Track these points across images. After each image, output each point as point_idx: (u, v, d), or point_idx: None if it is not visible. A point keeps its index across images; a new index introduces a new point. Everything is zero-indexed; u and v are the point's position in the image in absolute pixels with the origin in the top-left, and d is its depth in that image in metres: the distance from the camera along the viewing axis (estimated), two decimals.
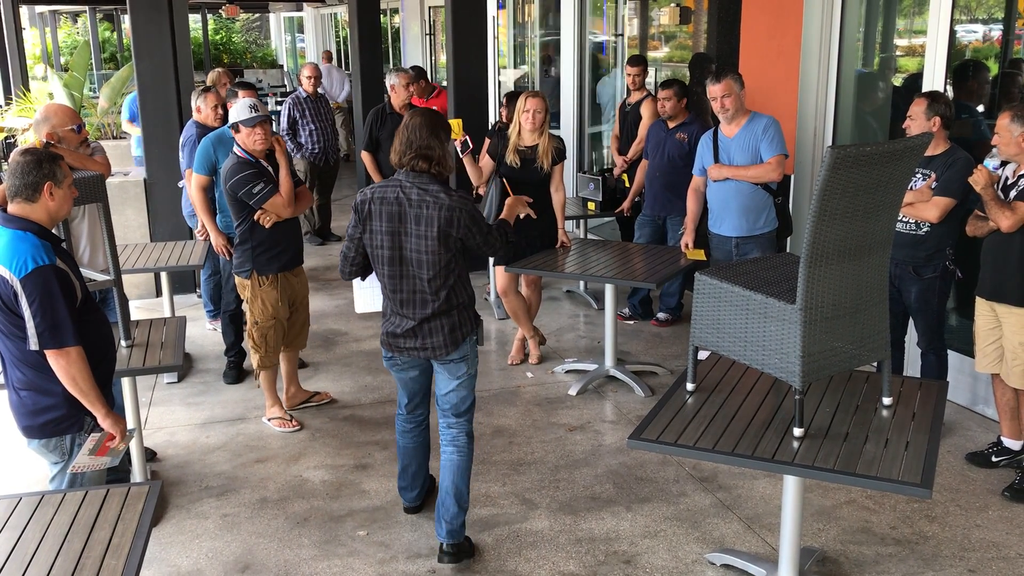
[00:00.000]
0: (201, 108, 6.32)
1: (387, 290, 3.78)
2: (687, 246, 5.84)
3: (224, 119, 6.11)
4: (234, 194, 4.87)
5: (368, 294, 4.26)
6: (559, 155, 5.78)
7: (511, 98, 6.70)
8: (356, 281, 4.13)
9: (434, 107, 8.11)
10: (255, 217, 4.91)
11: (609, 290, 5.70)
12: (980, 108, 5.54)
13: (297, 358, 5.54)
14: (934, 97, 4.61)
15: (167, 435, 5.16)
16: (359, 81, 11.60)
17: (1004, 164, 4.38)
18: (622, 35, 9.37)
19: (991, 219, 4.26)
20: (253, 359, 5.18)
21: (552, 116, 10.02)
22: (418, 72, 9.48)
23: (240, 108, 4.89)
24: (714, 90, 5.40)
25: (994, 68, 5.51)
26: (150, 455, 4.85)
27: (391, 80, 7.49)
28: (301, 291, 5.28)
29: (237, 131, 4.88)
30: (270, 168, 4.97)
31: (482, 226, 3.73)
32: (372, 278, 3.95)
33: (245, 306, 5.14)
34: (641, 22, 8.99)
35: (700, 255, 5.73)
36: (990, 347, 4.49)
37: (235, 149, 4.95)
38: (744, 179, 5.43)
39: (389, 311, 3.85)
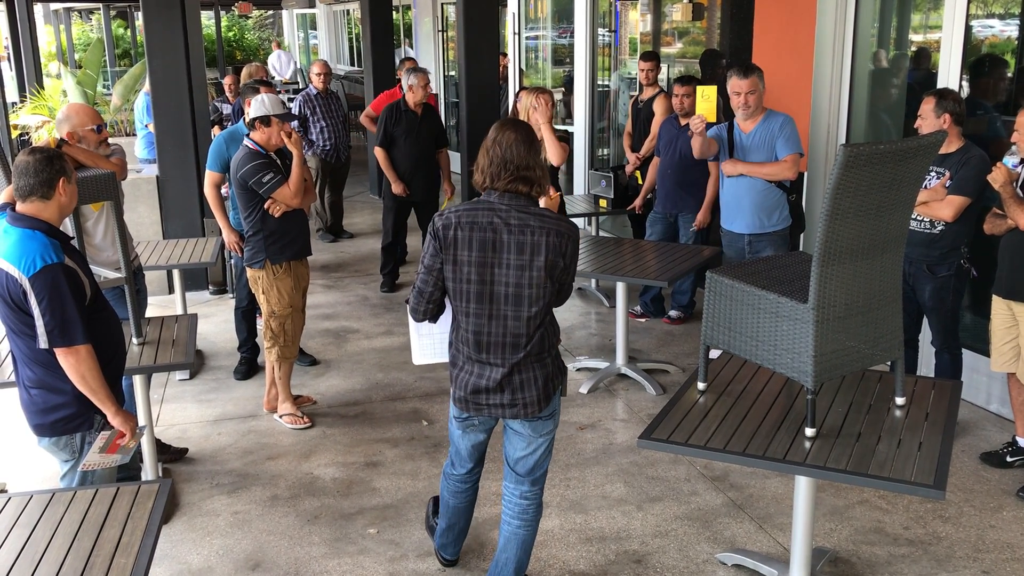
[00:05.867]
0: None
1: (468, 331, 3.20)
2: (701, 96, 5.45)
3: None
4: (244, 183, 4.89)
5: (429, 343, 3.50)
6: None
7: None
8: (415, 326, 3.46)
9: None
10: (265, 206, 4.93)
11: (621, 288, 5.68)
12: (996, 105, 5.48)
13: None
14: (942, 94, 4.58)
15: (179, 432, 5.18)
16: (371, 77, 11.62)
17: (1023, 162, 4.34)
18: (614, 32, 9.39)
19: (1009, 217, 4.22)
20: (271, 353, 5.18)
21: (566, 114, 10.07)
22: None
23: (275, 102, 4.91)
24: (740, 85, 5.34)
25: (1011, 64, 5.45)
26: (180, 453, 4.87)
27: (410, 80, 7.49)
28: (305, 283, 5.29)
29: (267, 125, 4.88)
30: (278, 161, 4.99)
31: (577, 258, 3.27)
32: (440, 323, 3.41)
33: (260, 298, 5.14)
34: (654, 18, 8.95)
35: (712, 92, 5.33)
36: (1006, 346, 4.45)
37: (246, 141, 4.96)
38: (760, 176, 5.40)
39: (464, 359, 3.27)
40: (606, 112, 9.68)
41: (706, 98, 5.31)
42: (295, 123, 8.88)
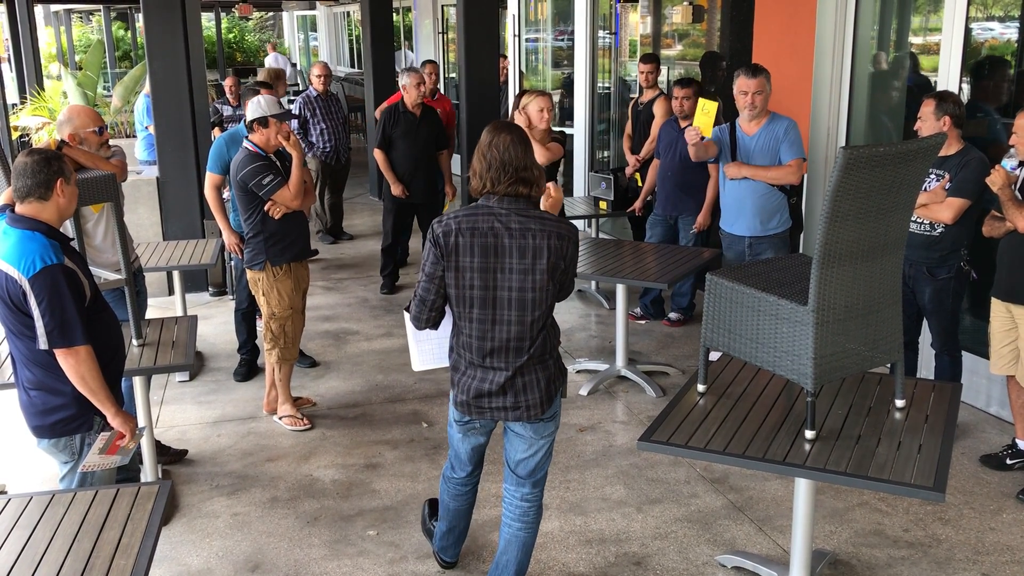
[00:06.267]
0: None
1: (471, 337, 3.19)
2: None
3: None
4: (244, 185, 4.90)
5: (428, 348, 3.47)
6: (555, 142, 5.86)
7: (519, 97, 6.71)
8: (413, 332, 3.44)
9: (437, 110, 8.15)
10: (265, 208, 4.94)
11: (621, 290, 5.68)
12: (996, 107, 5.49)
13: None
14: (942, 97, 4.58)
15: (178, 433, 5.18)
16: (371, 79, 11.63)
17: (1022, 164, 4.34)
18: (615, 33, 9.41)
19: (1008, 219, 4.23)
20: (271, 355, 5.18)
21: (567, 114, 10.08)
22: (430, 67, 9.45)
23: (270, 103, 4.92)
24: (748, 84, 5.32)
25: (1011, 66, 5.46)
26: (180, 454, 4.87)
27: (402, 80, 7.53)
28: (305, 284, 5.29)
29: (265, 125, 4.89)
30: (278, 164, 4.99)
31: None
32: (440, 328, 3.36)
33: (260, 300, 5.14)
34: (654, 20, 8.96)
35: (713, 107, 5.30)
36: (1005, 348, 4.45)
37: (245, 144, 4.96)
38: (764, 180, 5.39)
39: (466, 364, 3.26)
40: (606, 115, 9.69)
41: (706, 112, 5.33)
42: (295, 124, 8.90)
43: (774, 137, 5.37)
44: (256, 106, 4.91)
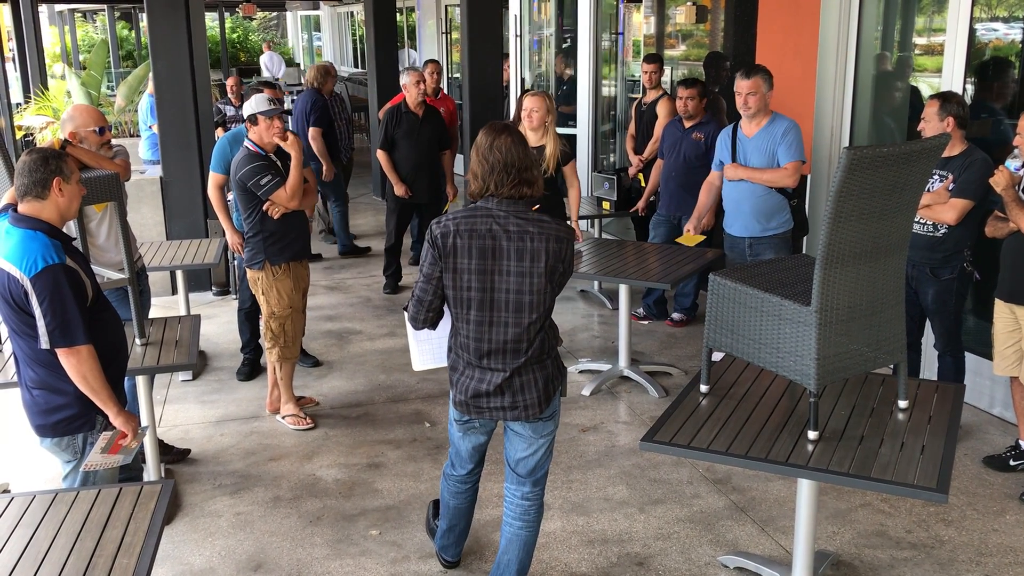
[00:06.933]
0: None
1: (469, 338, 3.19)
2: (688, 231, 5.90)
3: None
4: (243, 184, 4.91)
5: (428, 347, 3.50)
6: (564, 158, 5.81)
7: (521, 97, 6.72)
8: (413, 333, 3.44)
9: (440, 109, 8.15)
10: (264, 208, 4.95)
11: (623, 290, 5.68)
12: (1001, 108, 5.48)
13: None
14: (946, 97, 4.57)
15: (181, 432, 5.18)
16: (375, 79, 11.64)
17: None
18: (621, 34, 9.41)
19: (1011, 220, 4.22)
20: (272, 354, 5.19)
21: (567, 115, 10.08)
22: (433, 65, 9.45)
23: (259, 100, 4.94)
24: (742, 85, 5.33)
25: (1015, 67, 5.45)
26: (182, 454, 4.88)
27: (402, 80, 7.55)
28: (305, 284, 5.29)
29: (255, 123, 4.90)
30: (278, 163, 5.00)
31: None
32: (439, 328, 3.37)
33: (260, 299, 5.15)
34: (658, 20, 8.96)
35: (699, 240, 5.83)
36: (1009, 349, 4.44)
37: (246, 143, 4.98)
38: (760, 182, 5.38)
39: (464, 365, 3.27)
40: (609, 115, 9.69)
41: (688, 240, 5.85)
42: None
43: (772, 138, 5.36)
44: (247, 105, 4.96)
